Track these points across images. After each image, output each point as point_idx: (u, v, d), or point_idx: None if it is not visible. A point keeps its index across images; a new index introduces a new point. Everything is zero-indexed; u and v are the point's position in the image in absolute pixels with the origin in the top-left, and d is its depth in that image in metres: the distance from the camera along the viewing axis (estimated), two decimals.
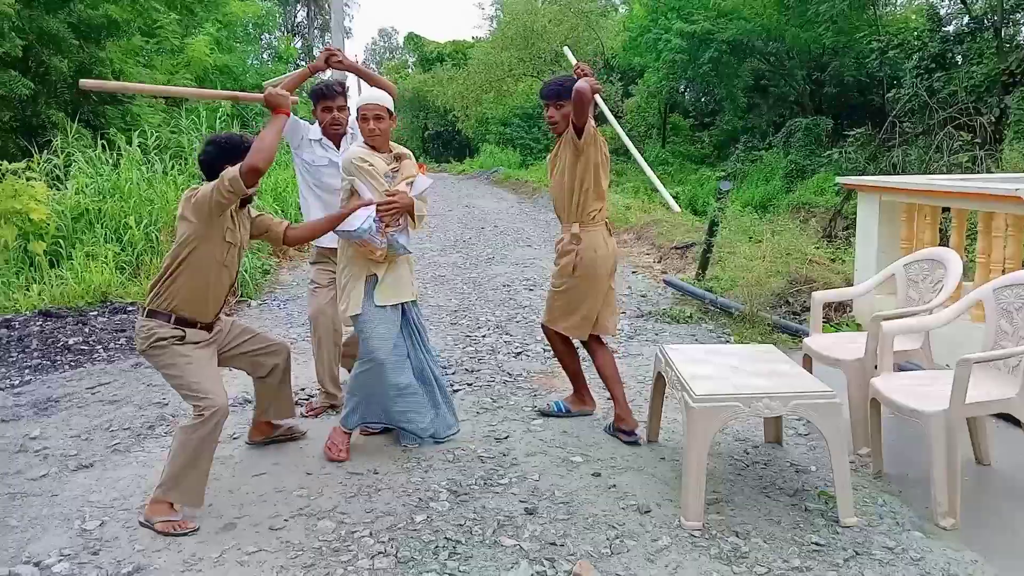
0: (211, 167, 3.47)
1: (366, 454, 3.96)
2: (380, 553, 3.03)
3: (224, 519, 3.31)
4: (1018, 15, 16.58)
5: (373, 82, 4.29)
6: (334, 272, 4.16)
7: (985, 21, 16.30)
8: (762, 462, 3.88)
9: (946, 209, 5.66)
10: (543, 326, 4.45)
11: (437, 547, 3.07)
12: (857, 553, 3.03)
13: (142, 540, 3.17)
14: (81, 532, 3.25)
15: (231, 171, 3.25)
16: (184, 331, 3.40)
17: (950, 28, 17.84)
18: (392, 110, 3.88)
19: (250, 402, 4.43)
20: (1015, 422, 4.10)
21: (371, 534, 3.17)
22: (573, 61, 4.16)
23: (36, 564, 3.01)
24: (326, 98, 4.34)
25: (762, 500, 3.47)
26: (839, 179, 6.90)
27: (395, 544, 3.09)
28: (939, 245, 4.81)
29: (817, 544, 3.09)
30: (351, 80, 5.18)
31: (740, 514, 3.34)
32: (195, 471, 3.28)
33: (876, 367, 3.78)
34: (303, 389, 5.02)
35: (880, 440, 3.73)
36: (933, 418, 3.20)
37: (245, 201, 3.52)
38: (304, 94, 9.16)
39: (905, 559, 2.99)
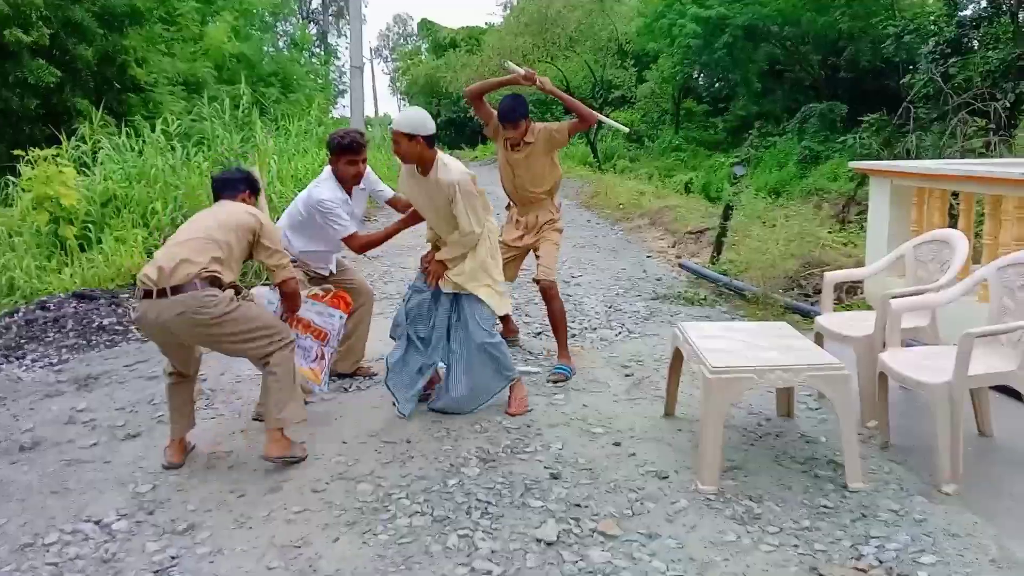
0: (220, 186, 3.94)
1: (399, 425, 4.19)
2: (417, 512, 3.25)
3: (269, 483, 3.54)
4: None
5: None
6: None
7: (1003, 6, 16.27)
8: (774, 433, 4.07)
9: (955, 194, 5.81)
10: (546, 283, 5.05)
11: (470, 507, 3.29)
12: (863, 515, 3.22)
13: (193, 501, 3.40)
14: (135, 495, 3.48)
15: (285, 269, 3.78)
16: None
17: (967, 13, 17.80)
18: (410, 133, 4.08)
19: None
20: (1015, 395, 4.28)
21: (407, 496, 3.39)
22: (518, 71, 5.00)
23: (97, 522, 3.25)
24: (353, 152, 4.44)
25: (774, 467, 3.67)
26: (852, 164, 7.05)
27: (430, 505, 3.31)
28: (948, 228, 4.97)
29: (826, 507, 3.28)
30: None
31: (753, 480, 3.53)
32: (294, 390, 3.70)
33: (884, 344, 3.97)
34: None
35: (887, 413, 3.91)
36: (937, 389, 3.39)
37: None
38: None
39: (909, 520, 3.18)
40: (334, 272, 4.82)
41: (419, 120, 4.09)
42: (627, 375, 4.97)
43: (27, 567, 2.93)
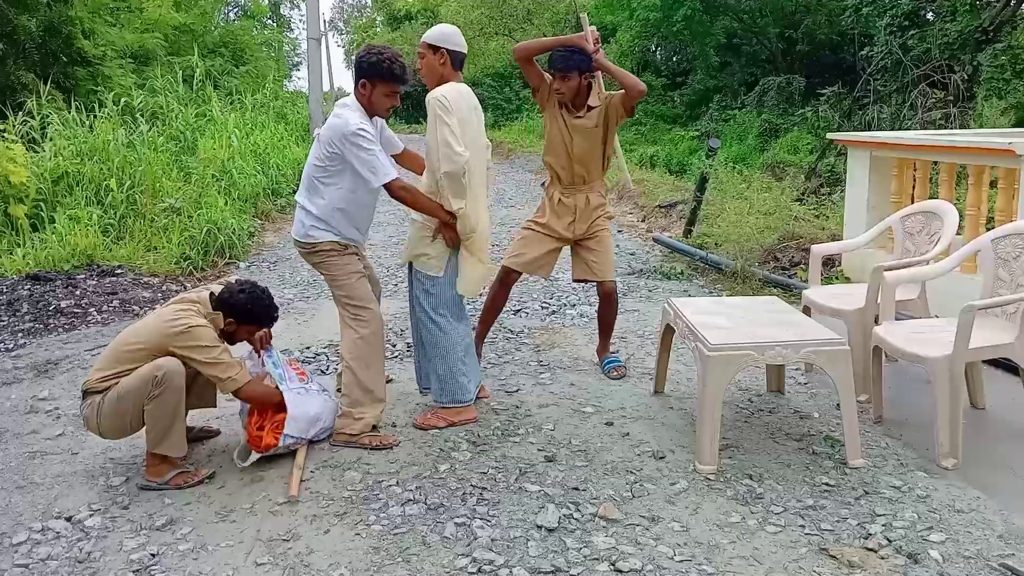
0: (224, 308, 3.44)
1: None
2: (410, 500, 3.11)
3: (250, 472, 3.37)
4: None
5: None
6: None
7: None
8: (767, 410, 4.00)
9: (935, 165, 5.79)
10: (610, 284, 4.50)
11: (464, 494, 3.15)
12: (866, 492, 3.16)
13: (171, 494, 3.21)
14: (108, 488, 3.29)
15: (233, 383, 3.30)
16: None
17: None
18: (434, 44, 3.73)
19: None
20: (1006, 367, 4.27)
21: (398, 483, 3.24)
22: (587, 29, 4.31)
23: (68, 519, 3.05)
24: (400, 82, 3.67)
25: (771, 445, 3.60)
26: (829, 135, 7.01)
27: (423, 492, 3.17)
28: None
29: (828, 484, 3.22)
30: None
31: (751, 458, 3.46)
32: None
33: (876, 317, 3.91)
34: (308, 348, 5.06)
35: (880, 387, 3.86)
36: (937, 363, 3.33)
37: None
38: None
39: (912, 496, 3.12)
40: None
41: (450, 32, 3.75)
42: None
43: None
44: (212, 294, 3.47)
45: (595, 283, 4.55)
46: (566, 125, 4.37)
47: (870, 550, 2.77)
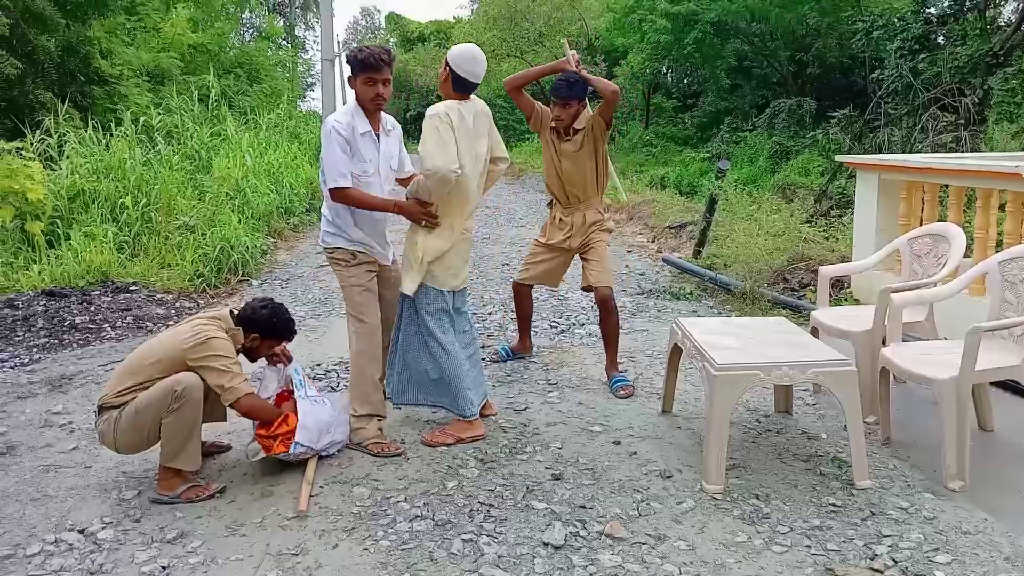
0: (248, 324, 3.55)
1: (390, 426, 4.05)
2: (417, 516, 3.13)
3: (261, 487, 3.40)
4: None
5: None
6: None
7: (968, 2, 16.46)
8: (774, 430, 4.01)
9: (944, 188, 5.81)
10: (605, 290, 4.66)
11: (472, 510, 3.18)
12: (873, 513, 3.17)
13: (182, 508, 3.25)
14: (120, 501, 3.33)
15: (234, 392, 3.33)
16: None
17: (933, 10, 18.00)
18: (447, 60, 3.81)
19: None
20: (1015, 390, 4.27)
21: (406, 499, 3.27)
22: (568, 53, 4.69)
23: (81, 531, 3.09)
24: (373, 70, 3.72)
25: (778, 465, 3.61)
26: (838, 157, 7.04)
27: (431, 508, 3.20)
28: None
29: (834, 505, 3.23)
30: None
31: (758, 478, 3.47)
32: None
33: (883, 339, 3.93)
34: (319, 364, 5.10)
35: (888, 408, 3.87)
36: (944, 384, 3.34)
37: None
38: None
39: (919, 518, 3.13)
40: (390, 262, 4.12)
41: (459, 54, 3.79)
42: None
43: None
44: (232, 312, 3.55)
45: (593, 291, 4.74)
46: (555, 150, 4.71)
47: (876, 571, 2.78)
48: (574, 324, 6.04)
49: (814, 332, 4.36)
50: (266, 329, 3.56)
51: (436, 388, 3.91)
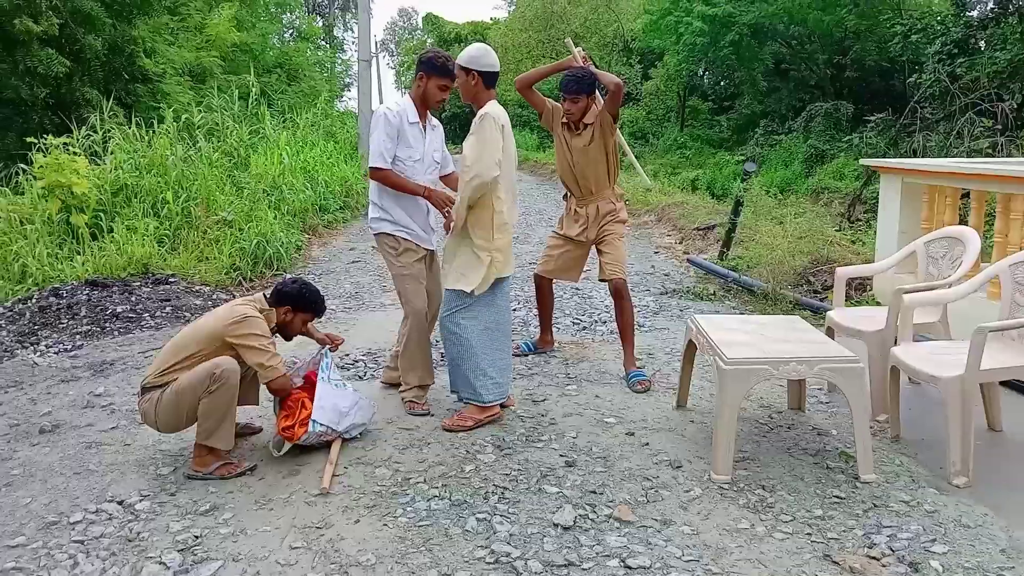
0: (280, 298, 3.77)
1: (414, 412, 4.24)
2: (435, 496, 3.30)
3: (288, 466, 3.59)
4: None
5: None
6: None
7: (1010, 6, 16.27)
8: (785, 426, 4.12)
9: (966, 194, 5.85)
10: (618, 280, 4.83)
11: (487, 492, 3.33)
12: (875, 505, 3.26)
13: (215, 483, 3.44)
14: (157, 476, 3.54)
15: (272, 371, 3.57)
16: None
17: (974, 13, 17.82)
18: (465, 66, 3.98)
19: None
20: (1021, 390, 4.33)
21: (425, 480, 3.44)
22: (574, 51, 4.90)
23: (120, 503, 3.29)
24: (449, 77, 4.10)
25: (786, 459, 3.71)
26: (863, 161, 7.10)
27: (448, 489, 3.36)
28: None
29: (838, 497, 3.33)
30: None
31: (766, 470, 3.58)
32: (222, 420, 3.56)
33: (896, 339, 4.01)
34: (347, 355, 5.29)
35: (898, 407, 3.95)
36: (950, 382, 3.43)
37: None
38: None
39: (920, 511, 3.22)
40: (434, 250, 4.48)
41: (477, 54, 3.97)
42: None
43: (54, 544, 2.98)
44: (265, 295, 3.75)
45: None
46: (567, 145, 4.89)
47: (873, 558, 2.88)
48: (596, 321, 6.17)
49: (829, 332, 4.45)
50: (296, 301, 3.77)
51: (456, 373, 4.11)
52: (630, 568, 2.80)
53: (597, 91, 4.84)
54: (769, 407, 4.37)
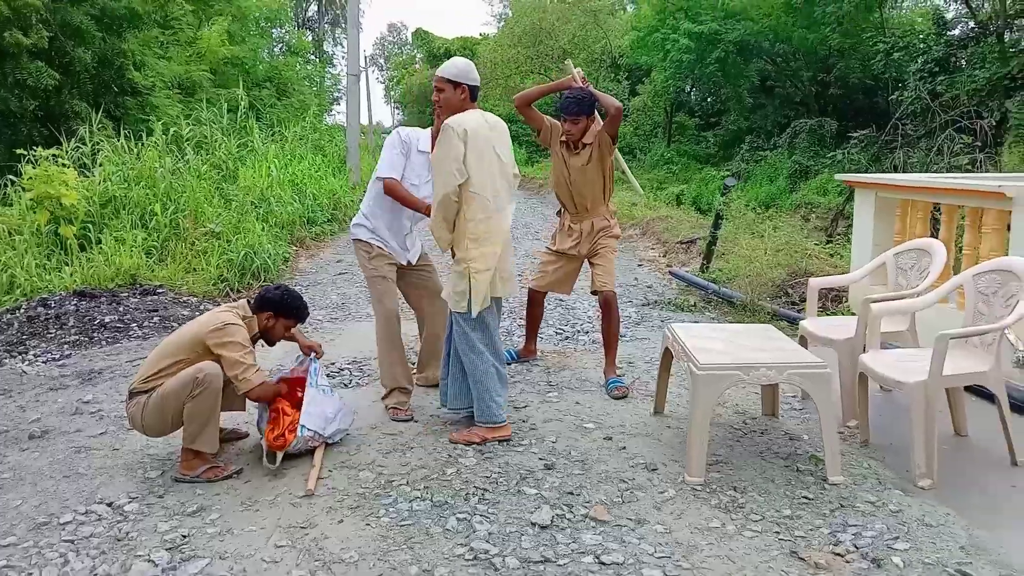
0: (262, 304, 3.87)
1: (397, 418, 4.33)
2: (417, 498, 3.40)
3: (273, 469, 3.68)
4: (1022, 20, 16.87)
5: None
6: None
7: (990, 26, 16.58)
8: (759, 431, 4.24)
9: (938, 208, 6.01)
10: (608, 293, 4.99)
11: (468, 494, 3.44)
12: (842, 505, 3.38)
13: (201, 486, 3.53)
14: (145, 479, 3.62)
15: (246, 383, 3.63)
16: None
17: (955, 32, 18.12)
18: (455, 80, 4.01)
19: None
20: (990, 398, 4.46)
21: (408, 483, 3.54)
22: (573, 71, 4.96)
23: (109, 504, 3.38)
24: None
25: (758, 462, 3.83)
26: (838, 176, 7.26)
27: (430, 491, 3.46)
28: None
29: (806, 497, 3.45)
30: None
31: (738, 473, 3.70)
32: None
33: (864, 346, 4.14)
34: (333, 363, 5.38)
35: (867, 413, 4.08)
36: (914, 387, 3.56)
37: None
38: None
39: (885, 511, 3.34)
40: (412, 263, 4.67)
41: (467, 68, 4.06)
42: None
43: (44, 543, 3.06)
44: (248, 301, 3.86)
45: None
46: (565, 163, 4.97)
47: (838, 555, 3.00)
48: (579, 331, 6.29)
49: (803, 341, 4.58)
50: (278, 306, 3.87)
51: (465, 391, 4.18)
52: (604, 564, 2.90)
53: (596, 111, 4.96)
54: (744, 413, 4.49)
